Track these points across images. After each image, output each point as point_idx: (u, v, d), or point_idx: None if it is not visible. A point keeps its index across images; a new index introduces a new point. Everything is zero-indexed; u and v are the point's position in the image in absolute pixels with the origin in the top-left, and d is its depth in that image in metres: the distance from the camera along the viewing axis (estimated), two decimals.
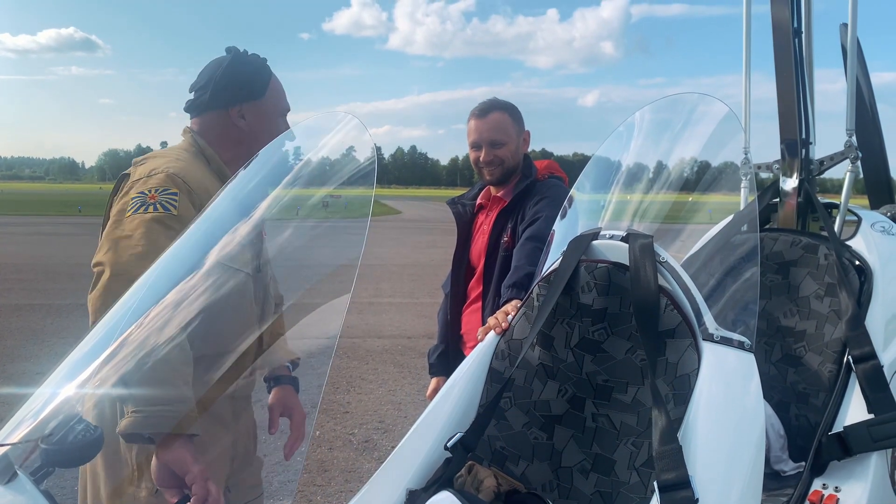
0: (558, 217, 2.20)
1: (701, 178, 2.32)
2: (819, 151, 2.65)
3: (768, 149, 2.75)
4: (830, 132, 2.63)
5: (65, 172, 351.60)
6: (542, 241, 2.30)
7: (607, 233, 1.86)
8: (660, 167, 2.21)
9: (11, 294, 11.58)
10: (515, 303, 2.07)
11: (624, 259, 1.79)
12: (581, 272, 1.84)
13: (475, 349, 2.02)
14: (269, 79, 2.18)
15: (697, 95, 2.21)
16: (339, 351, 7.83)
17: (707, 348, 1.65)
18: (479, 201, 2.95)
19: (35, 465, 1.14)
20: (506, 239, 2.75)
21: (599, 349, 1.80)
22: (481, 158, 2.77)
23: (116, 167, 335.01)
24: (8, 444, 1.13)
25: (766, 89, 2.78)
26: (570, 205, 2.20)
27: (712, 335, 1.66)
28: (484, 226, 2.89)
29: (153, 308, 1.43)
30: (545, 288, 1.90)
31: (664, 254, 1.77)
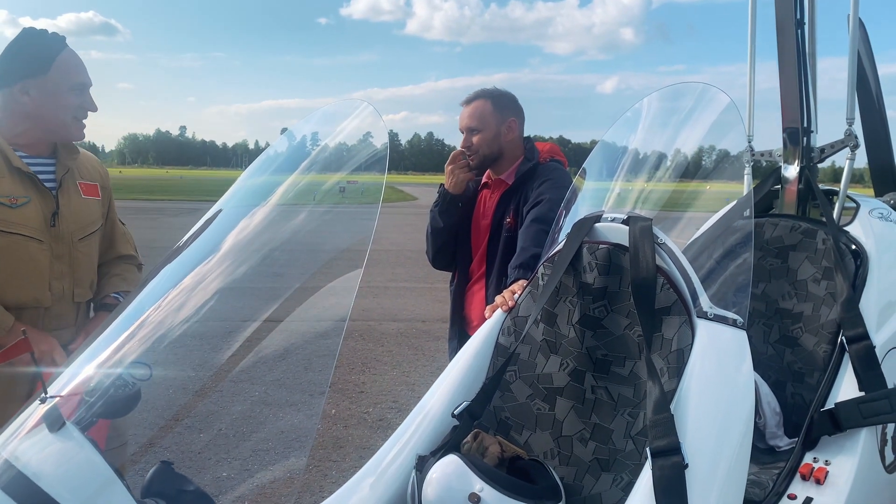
0: (564, 200, 2.29)
1: (703, 165, 2.41)
2: (828, 138, 2.72)
3: (775, 137, 2.82)
4: (839, 120, 2.68)
5: None
6: (546, 224, 2.40)
7: (609, 215, 1.96)
8: (663, 154, 2.30)
9: None
10: (522, 282, 2.18)
11: (624, 241, 1.88)
12: (584, 253, 1.94)
13: (483, 325, 2.13)
14: (57, 54, 2.31)
15: (702, 85, 2.30)
16: (356, 333, 7.98)
17: (701, 325, 1.74)
18: (483, 179, 3.04)
19: (81, 416, 1.27)
20: (508, 220, 2.85)
21: (599, 325, 1.90)
22: (461, 144, 2.93)
23: (136, 151, 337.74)
24: (58, 397, 1.26)
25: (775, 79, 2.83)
26: (575, 189, 2.30)
27: (706, 313, 1.76)
28: (486, 207, 2.99)
29: (174, 287, 1.57)
30: (549, 268, 2.01)
31: (662, 236, 1.87)
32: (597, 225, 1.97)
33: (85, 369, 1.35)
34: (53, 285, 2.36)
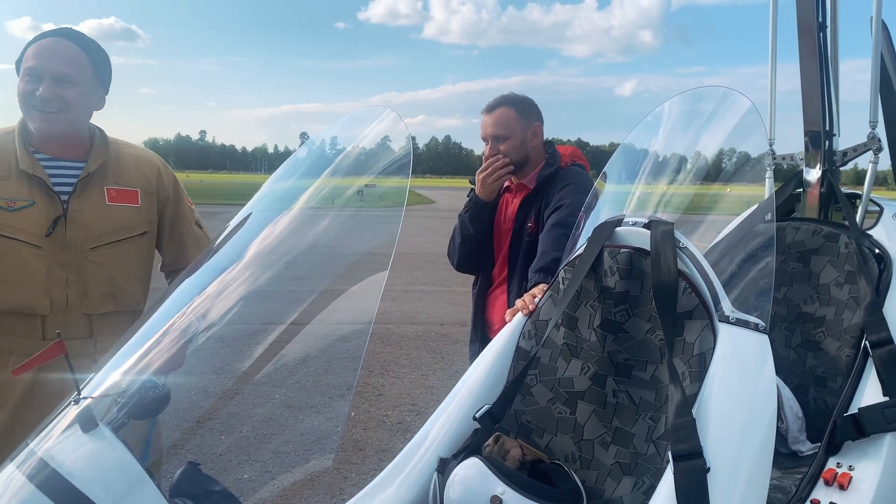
0: (585, 204, 2.30)
1: (724, 169, 2.40)
2: (852, 141, 2.70)
3: (797, 139, 2.81)
4: (863, 123, 2.66)
5: None
6: (567, 228, 2.41)
7: (630, 219, 1.97)
8: (684, 157, 2.30)
9: None
10: (542, 286, 2.19)
11: (646, 245, 1.89)
12: (605, 257, 1.95)
13: (503, 329, 2.15)
14: (31, 45, 2.28)
15: (723, 89, 2.30)
16: (374, 336, 8.01)
17: (723, 329, 1.75)
18: (505, 183, 3.05)
19: (113, 417, 1.30)
20: (530, 225, 2.86)
21: (621, 329, 1.91)
22: (485, 153, 2.92)
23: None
24: (91, 398, 1.29)
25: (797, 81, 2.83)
26: (596, 192, 2.31)
27: (728, 317, 1.76)
28: (508, 211, 2.99)
29: (202, 292, 1.60)
30: (570, 272, 2.02)
31: (684, 240, 1.87)
32: (618, 229, 1.97)
33: (116, 371, 1.38)
34: (55, 294, 2.26)
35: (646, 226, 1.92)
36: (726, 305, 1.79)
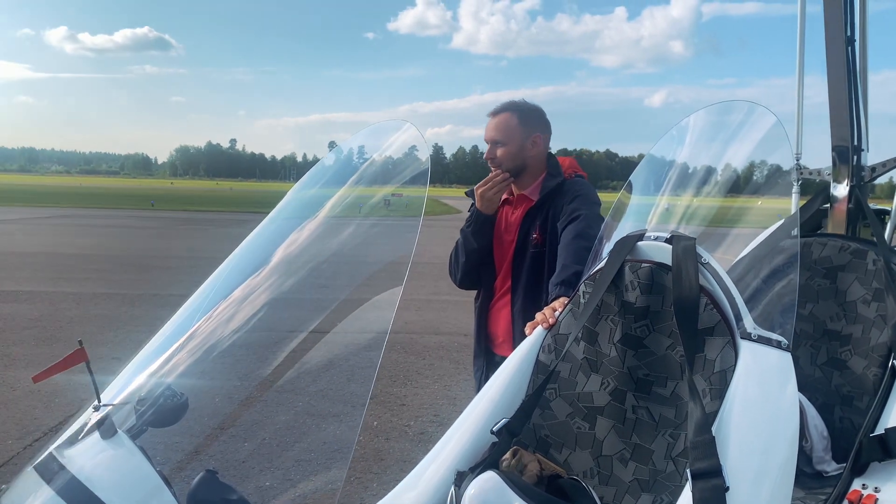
0: (608, 216, 2.29)
1: (748, 183, 2.38)
2: (887, 154, 2.65)
3: (825, 152, 2.77)
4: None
5: (139, 168, 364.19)
6: (588, 240, 2.40)
7: (652, 234, 1.95)
8: (708, 171, 2.28)
9: (89, 283, 12.20)
10: (563, 300, 2.18)
11: (667, 260, 1.87)
12: (626, 271, 1.93)
13: (523, 342, 2.14)
14: None
15: (748, 104, 2.28)
16: (398, 346, 8.03)
17: (745, 346, 1.72)
18: (503, 195, 3.00)
19: (131, 424, 1.32)
20: (535, 236, 2.83)
21: (641, 345, 1.89)
22: (485, 155, 2.92)
23: (187, 163, 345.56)
24: (110, 405, 1.31)
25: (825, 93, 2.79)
26: (619, 205, 2.30)
27: (750, 334, 1.73)
28: (509, 222, 2.96)
29: (223, 299, 1.61)
30: (591, 286, 2.00)
31: (706, 255, 1.85)
32: (640, 243, 1.96)
33: (136, 379, 1.40)
34: None
35: (668, 240, 1.90)
36: (748, 322, 1.77)
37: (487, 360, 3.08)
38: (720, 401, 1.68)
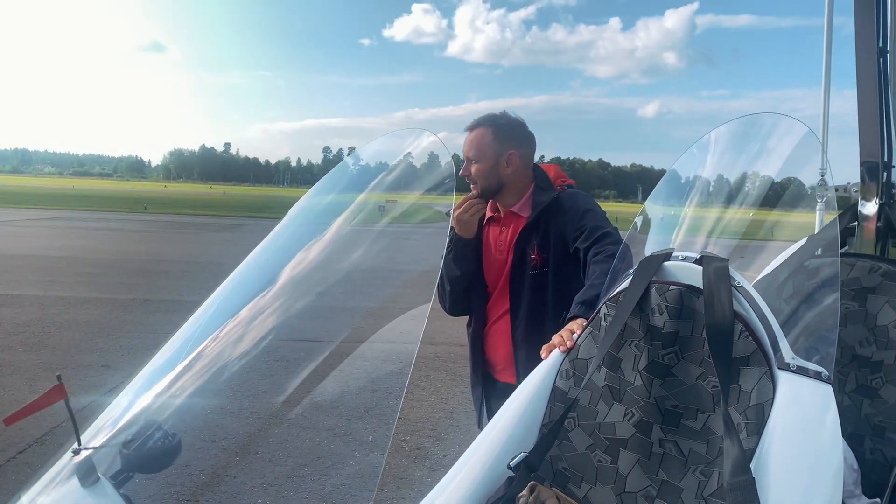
0: (627, 235, 2.16)
1: (776, 198, 2.25)
2: None
3: (846, 168, 2.66)
4: None
5: (132, 170, 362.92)
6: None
7: (680, 254, 1.82)
8: (734, 186, 2.16)
9: (80, 287, 12.00)
10: (581, 321, 2.04)
11: (697, 282, 1.74)
12: (652, 294, 1.80)
13: (539, 367, 2.00)
14: None
15: (776, 116, 2.16)
16: (393, 357, 7.87)
17: (783, 378, 1.59)
18: (487, 213, 2.84)
19: (116, 469, 1.17)
20: (533, 257, 2.66)
21: (669, 373, 1.76)
22: (461, 172, 2.74)
23: (181, 166, 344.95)
24: (91, 448, 1.16)
25: (840, 105, 2.70)
26: (641, 222, 2.17)
27: (788, 364, 1.61)
28: (500, 242, 2.79)
29: (229, 320, 1.45)
30: (613, 308, 1.87)
31: (740, 278, 1.72)
32: (666, 263, 1.83)
33: (122, 417, 1.25)
34: None
35: (697, 261, 1.77)
36: (786, 351, 1.64)
37: (488, 389, 2.91)
38: (757, 437, 1.55)
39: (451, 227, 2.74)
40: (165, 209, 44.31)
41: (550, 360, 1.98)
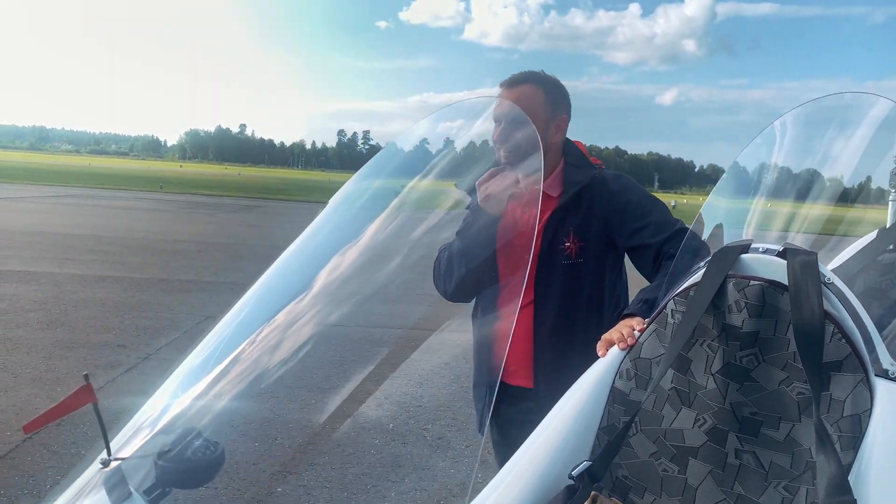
0: (693, 225, 1.98)
1: (857, 186, 2.07)
2: None
3: None
4: None
5: (148, 150, 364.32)
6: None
7: (760, 246, 1.65)
8: (810, 174, 1.98)
9: (95, 265, 11.94)
10: (640, 319, 1.87)
11: (781, 277, 1.57)
12: (728, 289, 1.63)
13: (596, 365, 1.84)
14: None
15: (852, 95, 1.98)
16: (410, 343, 7.75)
17: (881, 386, 1.43)
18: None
19: (150, 483, 1.02)
20: (568, 244, 2.30)
21: (747, 377, 1.59)
22: (494, 137, 2.27)
23: (197, 146, 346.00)
24: (121, 459, 1.01)
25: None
26: (708, 211, 1.99)
27: (887, 371, 1.44)
28: (522, 222, 2.30)
29: (274, 317, 1.29)
30: (683, 304, 1.70)
31: (829, 274, 1.55)
32: (744, 256, 1.65)
33: (157, 424, 1.10)
34: None
35: (780, 254, 1.60)
36: (884, 356, 1.47)
37: (492, 390, 2.52)
38: (852, 452, 1.39)
39: (470, 203, 2.38)
40: (181, 189, 44.33)
41: (608, 358, 1.81)
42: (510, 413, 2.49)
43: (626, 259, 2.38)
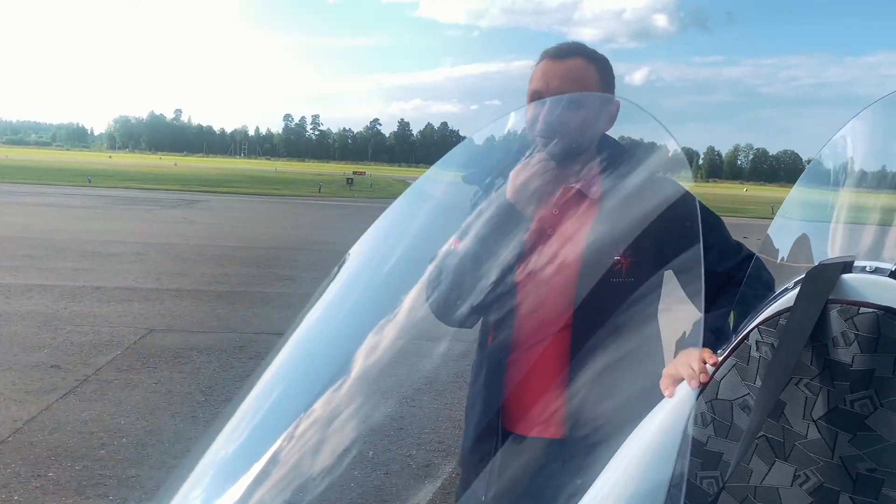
0: (767, 237, 1.82)
1: None
2: None
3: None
4: None
5: (73, 139, 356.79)
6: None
7: (866, 264, 1.48)
8: None
9: (20, 273, 11.47)
10: (709, 352, 1.67)
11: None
12: (832, 317, 1.46)
13: (659, 409, 1.65)
14: None
15: None
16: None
17: None
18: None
19: None
20: (618, 258, 2.00)
21: (862, 426, 1.42)
22: (540, 116, 1.97)
23: (127, 135, 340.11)
24: None
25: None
26: (778, 232, 1.82)
27: None
28: (549, 228, 2.01)
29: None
30: (771, 335, 1.53)
31: None
32: (846, 277, 1.48)
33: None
34: None
35: (894, 274, 1.43)
36: None
37: (504, 445, 2.06)
38: None
39: (474, 199, 2.08)
40: (112, 182, 43.36)
41: (677, 400, 1.63)
42: (521, 475, 2.05)
43: None
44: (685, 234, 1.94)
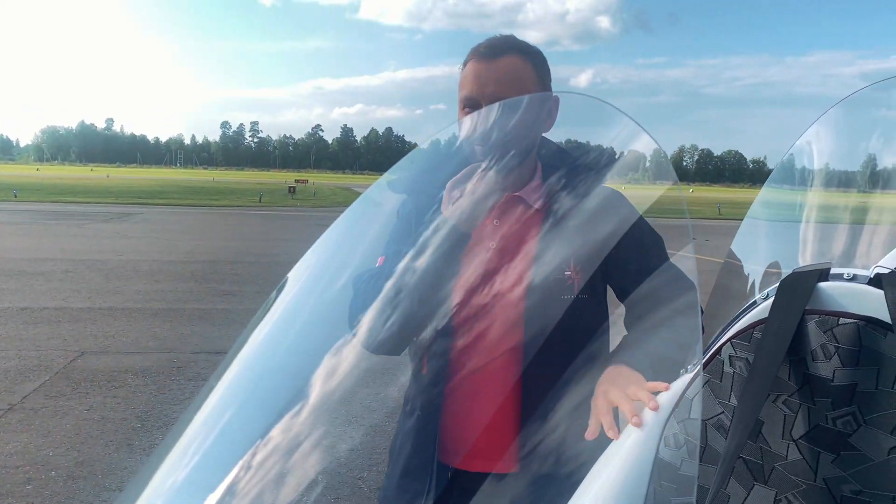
0: (738, 241, 1.76)
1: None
2: None
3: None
4: None
5: None
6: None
7: (844, 271, 1.42)
8: (883, 174, 1.78)
9: None
10: (659, 384, 1.55)
11: (879, 313, 1.35)
12: (809, 329, 1.40)
13: (629, 433, 1.56)
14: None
15: None
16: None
17: None
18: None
19: None
20: (568, 272, 1.84)
21: (845, 445, 1.36)
22: (473, 128, 1.85)
23: (56, 146, 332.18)
24: None
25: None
26: (751, 225, 1.76)
27: None
28: (491, 239, 1.86)
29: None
30: (745, 348, 1.46)
31: None
32: (822, 285, 1.42)
33: None
34: None
35: (872, 281, 1.38)
36: None
37: (443, 482, 1.93)
38: None
39: (400, 210, 1.95)
40: (40, 196, 42.14)
41: (649, 423, 1.54)
42: None
43: None
44: (626, 247, 1.83)
